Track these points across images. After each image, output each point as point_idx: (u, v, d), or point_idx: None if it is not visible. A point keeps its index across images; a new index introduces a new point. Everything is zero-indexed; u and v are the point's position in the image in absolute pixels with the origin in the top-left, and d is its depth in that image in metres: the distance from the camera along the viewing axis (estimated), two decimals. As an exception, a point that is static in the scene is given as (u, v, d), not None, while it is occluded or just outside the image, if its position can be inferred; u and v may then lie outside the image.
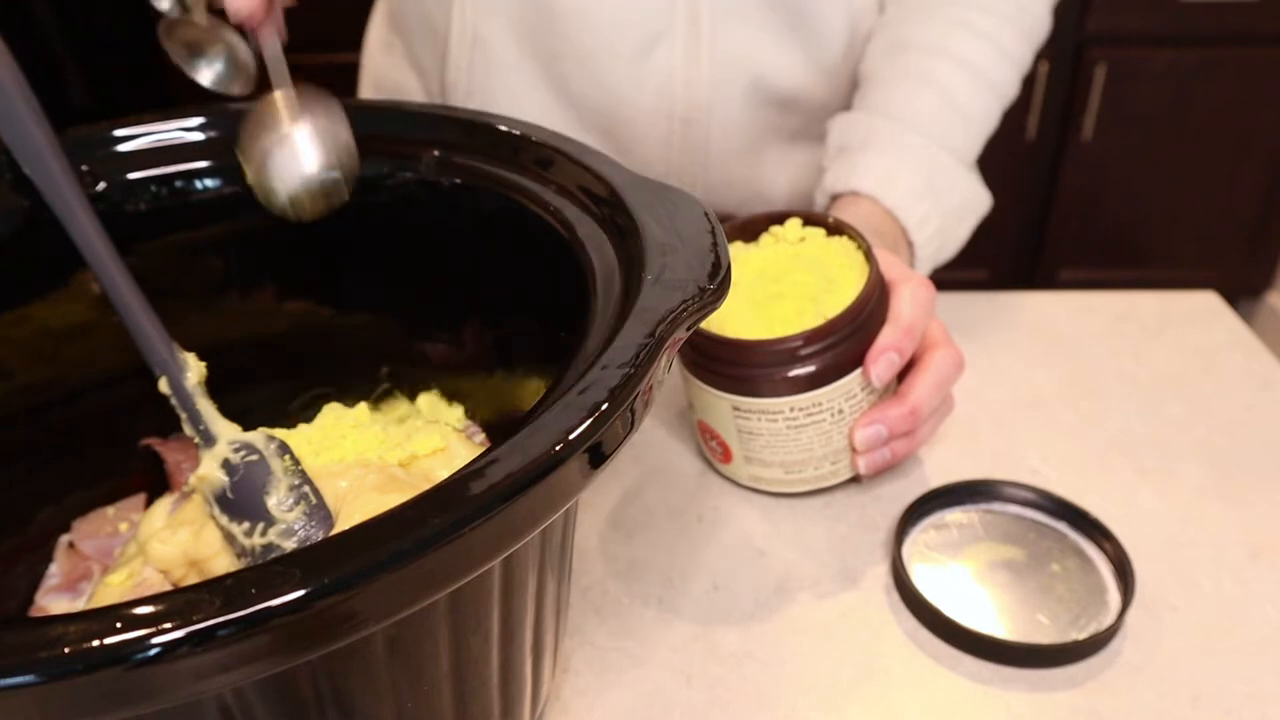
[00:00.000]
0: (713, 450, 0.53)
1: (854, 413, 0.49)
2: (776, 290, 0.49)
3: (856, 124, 0.64)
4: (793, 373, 0.47)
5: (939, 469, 0.55)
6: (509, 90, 0.68)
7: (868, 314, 0.48)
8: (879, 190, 0.60)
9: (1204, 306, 0.69)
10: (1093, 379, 0.62)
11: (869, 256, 0.49)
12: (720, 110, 0.68)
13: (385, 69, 0.76)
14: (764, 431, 0.49)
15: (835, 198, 0.62)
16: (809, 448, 0.50)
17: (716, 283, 0.32)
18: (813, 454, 0.50)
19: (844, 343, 0.47)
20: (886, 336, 0.48)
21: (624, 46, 0.65)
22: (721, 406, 0.50)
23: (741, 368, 0.48)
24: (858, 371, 0.48)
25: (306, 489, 0.38)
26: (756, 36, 0.66)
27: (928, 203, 0.60)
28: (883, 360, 0.48)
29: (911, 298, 0.49)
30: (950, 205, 0.62)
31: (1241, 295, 1.87)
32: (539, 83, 0.67)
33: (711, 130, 0.68)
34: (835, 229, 0.52)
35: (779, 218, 0.53)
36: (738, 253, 0.52)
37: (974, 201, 0.64)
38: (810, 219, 0.52)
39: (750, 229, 0.53)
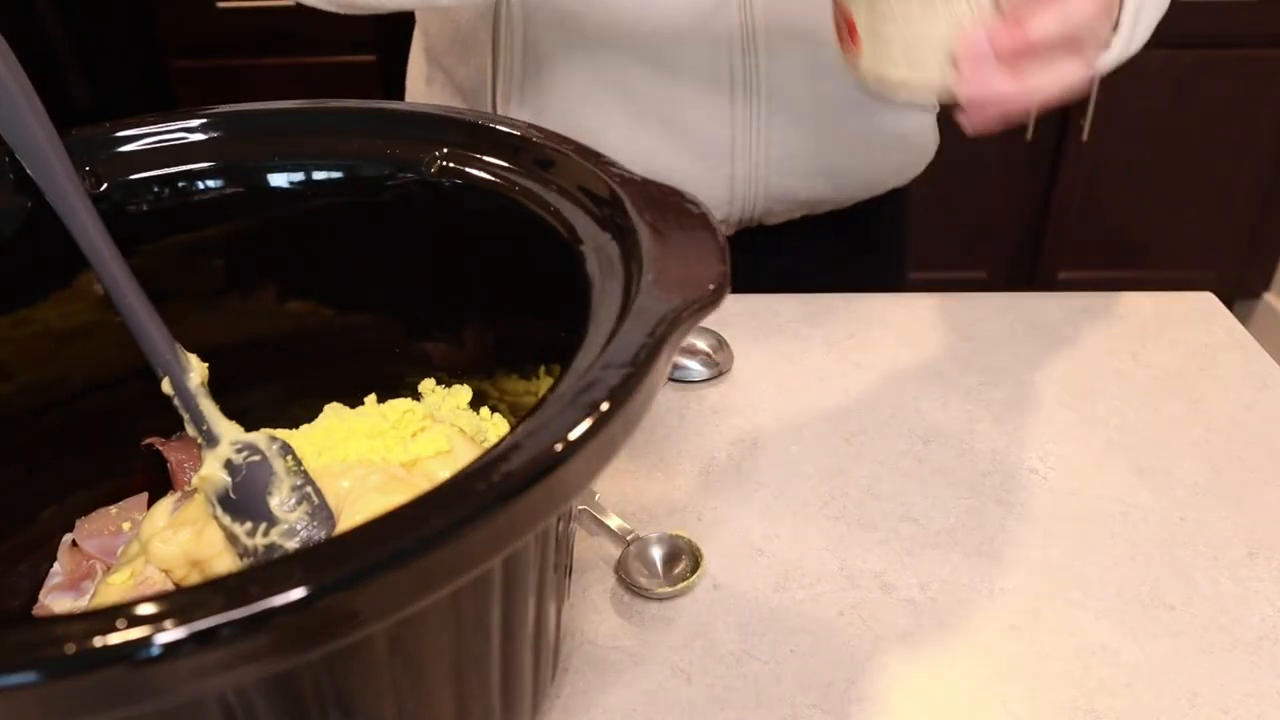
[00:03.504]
0: (844, 43, 0.51)
1: (981, 14, 0.47)
2: None
3: None
4: None
5: (939, 469, 0.55)
6: (563, 94, 0.68)
7: None
8: None
9: (1201, 307, 0.69)
10: (1091, 379, 0.62)
11: None
12: (779, 76, 0.68)
13: (429, 100, 0.76)
14: None
15: None
16: (935, 27, 0.47)
17: (716, 283, 0.32)
18: (934, 38, 0.47)
19: None
20: None
21: (683, 18, 0.65)
22: None
23: None
24: None
25: (309, 489, 0.38)
26: None
27: None
28: None
29: None
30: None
31: (1240, 296, 1.87)
32: (594, 80, 0.67)
33: (773, 97, 0.69)
34: None
35: None
36: None
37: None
38: None
39: None
